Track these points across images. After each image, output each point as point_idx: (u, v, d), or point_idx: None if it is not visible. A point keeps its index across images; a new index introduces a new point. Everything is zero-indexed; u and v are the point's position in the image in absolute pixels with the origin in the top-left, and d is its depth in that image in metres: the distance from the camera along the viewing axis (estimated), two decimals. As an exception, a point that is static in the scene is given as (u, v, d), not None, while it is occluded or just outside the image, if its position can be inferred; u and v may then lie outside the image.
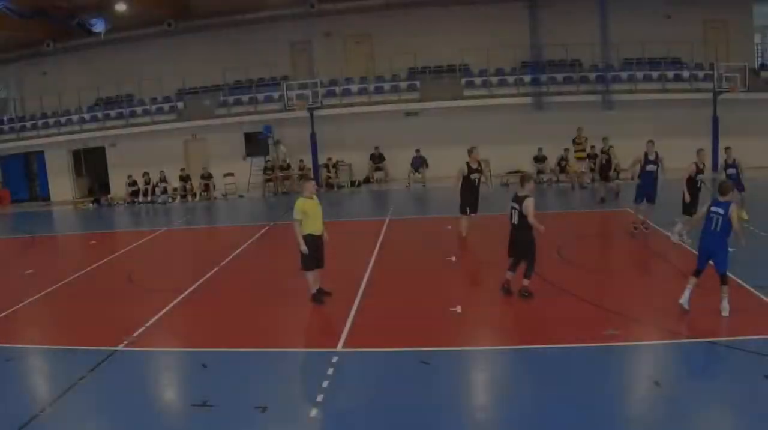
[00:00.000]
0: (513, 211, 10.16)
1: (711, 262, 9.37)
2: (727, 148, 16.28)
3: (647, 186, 14.70)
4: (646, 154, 14.89)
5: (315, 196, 10.32)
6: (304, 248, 10.00)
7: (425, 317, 9.83)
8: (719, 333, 8.59)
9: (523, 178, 10.25)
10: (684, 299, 9.28)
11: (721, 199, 9.24)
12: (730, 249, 12.74)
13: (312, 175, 25.56)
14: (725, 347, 8.17)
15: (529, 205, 9.90)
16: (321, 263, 10.36)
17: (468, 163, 14.39)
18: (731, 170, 15.82)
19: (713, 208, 9.22)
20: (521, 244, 10.24)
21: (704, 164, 14.07)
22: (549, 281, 11.14)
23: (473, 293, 11.43)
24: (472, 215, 14.67)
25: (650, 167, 14.78)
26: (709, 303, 9.74)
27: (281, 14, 26.44)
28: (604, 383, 7.38)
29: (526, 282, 10.14)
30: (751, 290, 10.26)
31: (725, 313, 9.07)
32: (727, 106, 25.54)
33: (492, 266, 12.65)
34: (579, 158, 24.18)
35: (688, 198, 13.39)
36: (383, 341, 8.85)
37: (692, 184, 13.58)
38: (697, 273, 9.41)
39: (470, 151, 14.54)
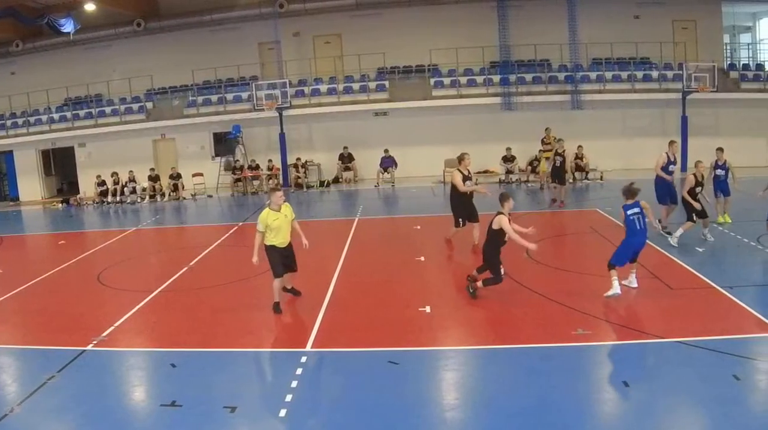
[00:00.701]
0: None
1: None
2: (718, 149, 16.09)
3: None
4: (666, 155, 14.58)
5: (284, 208, 9.95)
6: (255, 259, 9.79)
7: (394, 317, 9.80)
8: (688, 333, 8.53)
9: (501, 197, 10.33)
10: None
11: (630, 202, 9.86)
12: (699, 249, 12.80)
13: (280, 180, 25.63)
14: (694, 347, 8.13)
15: (498, 220, 10.00)
16: (291, 268, 10.22)
17: (460, 170, 13.33)
18: (720, 172, 15.67)
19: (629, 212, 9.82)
20: (485, 254, 10.41)
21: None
22: (517, 280, 11.15)
23: (442, 293, 11.34)
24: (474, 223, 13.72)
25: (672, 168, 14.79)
26: (678, 304, 9.77)
27: (250, 14, 26.40)
28: (572, 382, 7.35)
29: (479, 284, 10.23)
30: (721, 290, 10.24)
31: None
32: (696, 106, 25.62)
33: (461, 266, 12.71)
34: (548, 158, 24.20)
35: (699, 206, 13.10)
36: (352, 341, 8.86)
37: (693, 194, 13.32)
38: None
39: (461, 159, 13.40)
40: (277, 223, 9.79)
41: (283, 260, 9.96)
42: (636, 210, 9.77)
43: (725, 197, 15.71)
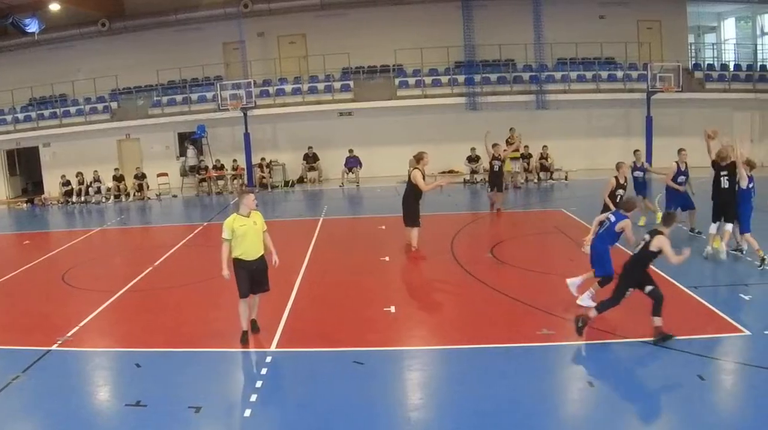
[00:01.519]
0: None
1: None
2: (636, 151, 16.26)
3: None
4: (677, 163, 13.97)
5: (254, 215, 8.66)
6: (225, 273, 8.53)
7: (359, 316, 9.81)
8: (653, 333, 8.50)
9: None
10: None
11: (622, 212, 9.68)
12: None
13: (245, 179, 25.58)
14: (659, 347, 8.15)
15: (659, 243, 9.27)
16: (260, 286, 8.89)
17: (419, 169, 13.26)
18: (638, 173, 15.78)
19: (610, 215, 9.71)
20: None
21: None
22: (482, 280, 11.17)
23: (407, 293, 11.39)
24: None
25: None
26: (642, 303, 9.75)
27: (214, 14, 26.36)
28: (537, 382, 7.36)
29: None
30: (685, 290, 10.27)
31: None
32: (661, 106, 25.64)
33: (425, 266, 12.80)
34: (512, 158, 24.22)
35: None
36: (317, 342, 8.83)
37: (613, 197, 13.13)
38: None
39: (420, 158, 13.33)
40: (243, 229, 8.51)
41: (250, 276, 8.67)
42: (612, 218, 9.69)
43: (644, 199, 15.85)
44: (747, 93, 26.21)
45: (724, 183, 11.96)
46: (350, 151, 25.56)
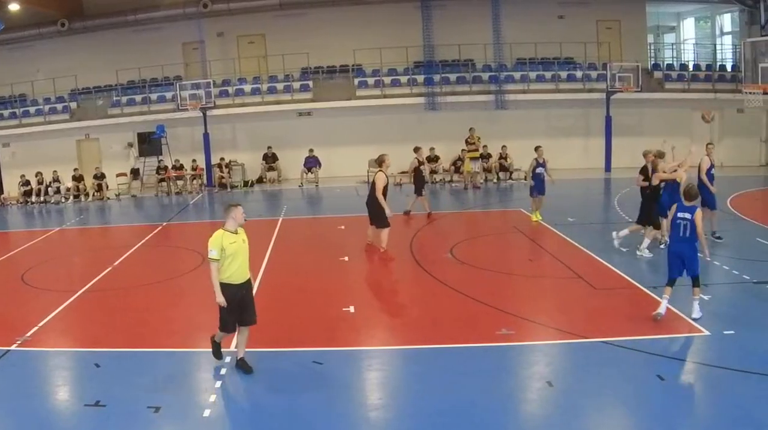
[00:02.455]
0: None
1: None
2: (537, 148, 16.38)
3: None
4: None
5: (240, 230, 7.76)
6: (221, 299, 7.53)
7: (318, 317, 9.87)
8: (612, 333, 8.62)
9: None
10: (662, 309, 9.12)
11: (687, 203, 9.04)
12: (622, 249, 12.78)
13: (204, 179, 25.62)
14: (618, 347, 8.22)
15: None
16: (248, 319, 7.85)
17: (383, 172, 13.16)
18: (540, 170, 15.93)
19: (680, 214, 8.98)
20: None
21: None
22: (441, 280, 11.26)
23: (366, 293, 11.50)
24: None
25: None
26: (602, 303, 9.80)
27: (174, 14, 26.27)
28: (496, 382, 7.41)
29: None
30: (644, 290, 10.35)
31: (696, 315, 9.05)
32: (621, 106, 25.80)
33: (385, 266, 12.89)
34: (472, 158, 24.30)
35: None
36: (276, 342, 8.89)
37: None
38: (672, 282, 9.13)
39: (383, 160, 13.27)
40: (233, 247, 7.53)
41: (238, 304, 7.68)
42: (687, 215, 8.93)
43: (540, 196, 15.99)
44: (706, 93, 26.26)
45: None
46: (310, 151, 25.58)
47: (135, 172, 26.05)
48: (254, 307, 7.88)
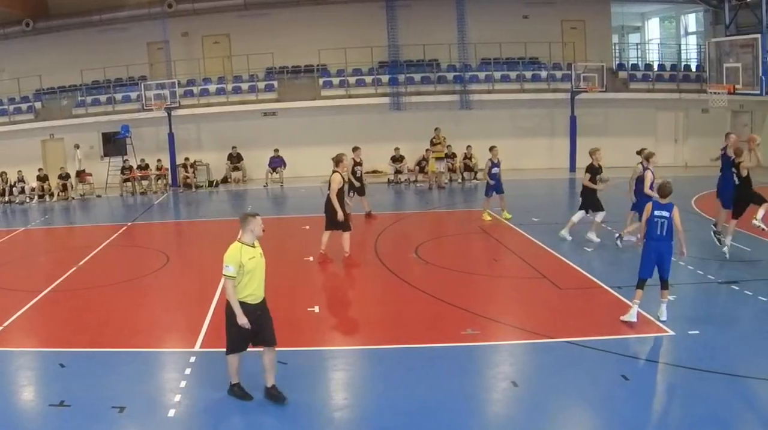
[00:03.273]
0: None
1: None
2: (492, 148, 16.55)
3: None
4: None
5: (257, 243, 7.16)
6: (244, 320, 6.75)
7: (283, 317, 9.75)
8: (577, 333, 8.69)
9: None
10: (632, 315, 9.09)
11: (663, 201, 9.01)
12: (587, 249, 12.91)
13: (169, 180, 25.57)
14: (583, 347, 8.29)
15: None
16: (265, 340, 7.07)
17: (339, 173, 12.56)
18: (496, 170, 16.09)
19: (657, 212, 8.92)
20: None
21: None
22: (406, 280, 11.35)
23: (331, 293, 11.58)
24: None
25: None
26: (567, 303, 9.90)
27: (139, 14, 26.22)
28: (461, 382, 7.46)
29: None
30: (609, 290, 10.43)
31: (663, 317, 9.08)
32: (585, 106, 25.92)
33: (349, 266, 12.85)
34: (437, 158, 24.35)
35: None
36: None
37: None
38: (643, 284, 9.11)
39: (340, 160, 12.75)
40: (252, 263, 6.89)
41: (256, 324, 6.90)
42: (664, 214, 8.92)
43: (501, 194, 16.18)
44: (671, 93, 26.48)
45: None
46: (275, 151, 25.61)
47: (80, 174, 25.60)
48: (272, 327, 7.07)
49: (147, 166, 25.82)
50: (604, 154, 13.98)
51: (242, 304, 6.84)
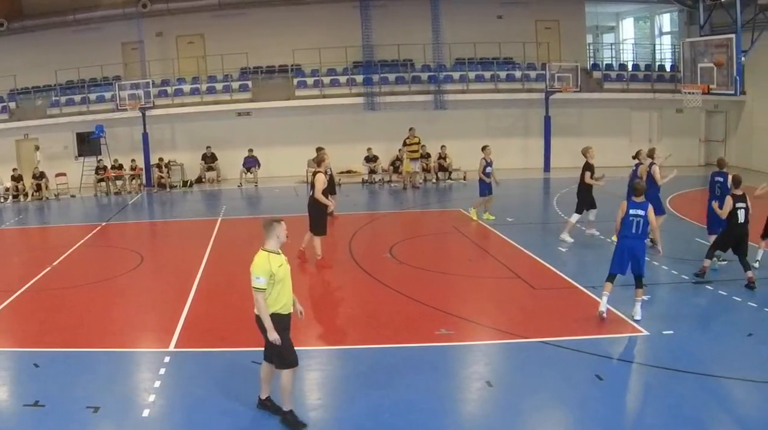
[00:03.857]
0: None
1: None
2: (484, 147, 16.51)
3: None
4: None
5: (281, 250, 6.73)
6: (275, 336, 6.33)
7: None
8: (552, 333, 8.74)
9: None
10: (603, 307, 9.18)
11: (638, 200, 9.13)
12: (561, 249, 12.97)
13: (143, 180, 25.55)
14: (557, 346, 8.35)
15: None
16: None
17: (323, 174, 12.58)
18: (489, 169, 16.07)
19: (632, 211, 9.04)
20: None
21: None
22: (381, 280, 11.39)
23: (305, 292, 11.48)
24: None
25: None
26: (541, 303, 9.96)
27: (113, 14, 26.18)
28: (435, 382, 7.48)
29: None
30: (583, 289, 10.49)
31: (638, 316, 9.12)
32: (560, 106, 25.99)
33: (324, 266, 12.89)
34: (412, 158, 24.38)
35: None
36: (215, 342, 8.99)
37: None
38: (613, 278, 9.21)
39: (321, 159, 12.86)
40: (282, 271, 6.51)
41: (284, 335, 6.53)
42: (640, 212, 9.04)
43: (490, 195, 16.17)
44: (645, 93, 26.61)
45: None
46: (249, 151, 25.62)
47: (39, 176, 25.10)
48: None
49: (121, 167, 25.82)
50: (578, 154, 14.11)
51: (278, 315, 6.45)
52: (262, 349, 6.73)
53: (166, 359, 8.28)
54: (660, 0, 27.34)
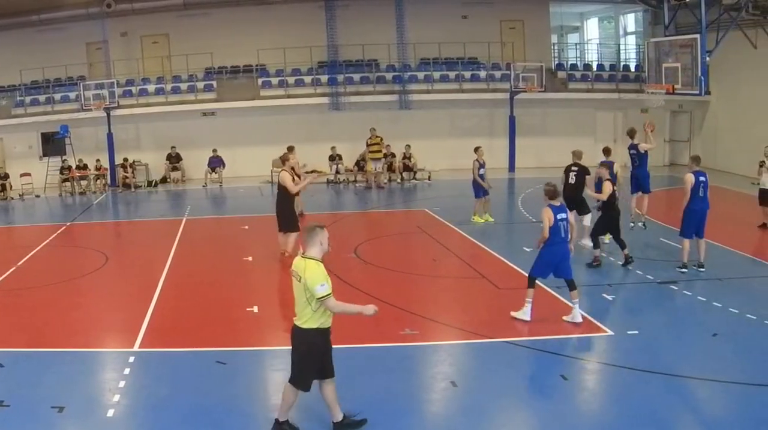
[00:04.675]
0: None
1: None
2: (477, 148, 16.66)
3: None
4: None
5: None
6: (372, 307, 6.20)
7: (222, 316, 10.00)
8: (516, 333, 8.84)
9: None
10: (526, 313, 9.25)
11: (557, 203, 9.20)
12: (526, 249, 12.89)
13: (107, 179, 25.54)
14: (522, 347, 8.44)
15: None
16: (331, 370, 6.41)
17: (288, 172, 12.76)
18: (482, 171, 16.18)
19: (559, 216, 9.10)
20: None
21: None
22: (345, 280, 11.33)
23: (270, 293, 11.63)
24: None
25: None
26: (506, 303, 9.97)
27: (78, 14, 26.07)
28: (399, 383, 7.55)
29: None
30: (548, 290, 10.55)
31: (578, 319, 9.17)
32: (525, 106, 26.10)
33: (288, 266, 12.74)
34: (374, 159, 24.47)
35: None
36: (180, 341, 9.03)
37: None
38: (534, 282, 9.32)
39: (287, 158, 13.10)
40: (329, 279, 6.15)
41: (323, 356, 6.30)
42: (564, 216, 9.18)
43: (486, 197, 16.30)
44: (610, 93, 26.77)
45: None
46: (214, 151, 25.65)
47: (3, 176, 24.92)
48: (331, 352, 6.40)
49: (86, 167, 25.81)
50: (543, 154, 14.32)
51: (321, 330, 6.16)
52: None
53: (131, 359, 8.34)
54: (624, 0, 27.43)
